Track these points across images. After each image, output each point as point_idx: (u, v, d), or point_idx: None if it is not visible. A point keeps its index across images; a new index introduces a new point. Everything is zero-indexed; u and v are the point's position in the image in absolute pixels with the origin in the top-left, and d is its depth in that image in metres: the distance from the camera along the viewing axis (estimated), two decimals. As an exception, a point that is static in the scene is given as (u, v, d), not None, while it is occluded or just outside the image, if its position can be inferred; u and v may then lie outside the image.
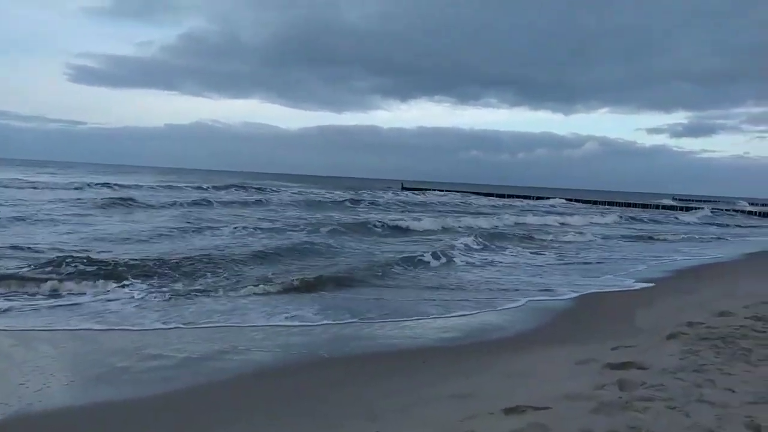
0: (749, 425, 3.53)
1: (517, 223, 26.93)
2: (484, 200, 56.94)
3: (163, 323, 6.92)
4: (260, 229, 17.65)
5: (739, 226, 35.79)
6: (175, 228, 16.54)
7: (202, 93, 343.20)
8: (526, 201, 59.56)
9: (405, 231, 20.63)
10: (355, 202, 37.53)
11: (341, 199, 38.04)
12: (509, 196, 65.89)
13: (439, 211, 33.77)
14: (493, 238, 18.10)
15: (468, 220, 25.40)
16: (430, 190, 74.60)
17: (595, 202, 61.36)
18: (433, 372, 5.48)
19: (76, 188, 33.16)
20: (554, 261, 14.32)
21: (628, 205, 57.93)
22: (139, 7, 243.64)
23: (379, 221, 21.89)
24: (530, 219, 29.99)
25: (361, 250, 14.40)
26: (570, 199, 62.12)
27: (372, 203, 38.10)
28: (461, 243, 15.83)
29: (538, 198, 63.47)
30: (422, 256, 13.05)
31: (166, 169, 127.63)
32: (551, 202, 57.86)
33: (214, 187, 42.61)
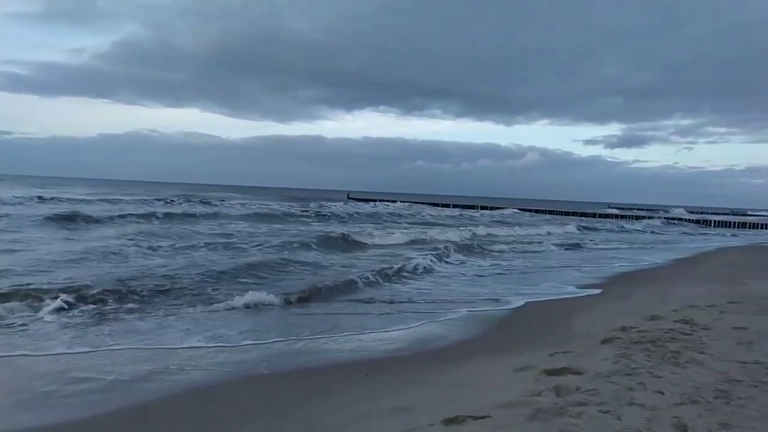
0: (676, 426, 3.66)
1: (489, 234, 27.16)
2: (432, 210, 57.10)
3: (93, 346, 6.54)
4: (217, 244, 16.83)
5: (691, 234, 37.68)
6: (125, 245, 15.58)
7: (138, 101, 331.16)
8: (482, 211, 60.44)
9: (366, 245, 20.03)
10: (310, 214, 36.53)
11: (296, 212, 37.16)
12: (464, 207, 66.63)
13: (400, 223, 33.79)
14: (463, 250, 18.24)
15: (433, 233, 24.99)
16: (376, 200, 74.75)
17: (549, 212, 63.28)
18: (376, 385, 5.42)
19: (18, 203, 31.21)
20: (506, 270, 14.62)
21: (581, 214, 60.20)
22: (70, 14, 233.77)
23: (345, 233, 21.42)
24: (498, 230, 30.31)
25: (325, 265, 14.12)
26: (522, 209, 63.76)
27: (330, 215, 37.41)
28: (427, 256, 15.76)
29: (493, 208, 64.61)
30: (386, 270, 12.91)
31: (100, 181, 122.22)
32: (505, 212, 59.08)
33: (160, 200, 41.19)
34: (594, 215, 60.87)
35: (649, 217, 57.95)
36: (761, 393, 4.36)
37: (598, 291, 11.35)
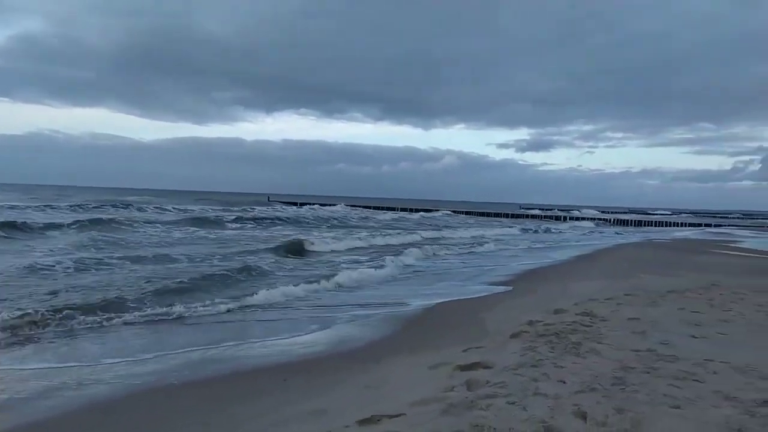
0: (576, 413, 3.89)
1: (435, 238, 26.77)
2: (361, 212, 56.71)
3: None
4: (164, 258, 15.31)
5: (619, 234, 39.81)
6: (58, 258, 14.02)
7: (40, 100, 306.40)
8: (419, 213, 60.39)
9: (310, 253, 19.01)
10: (245, 219, 34.75)
11: (230, 216, 35.30)
12: (401, 209, 67.19)
13: (354, 228, 33.31)
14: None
15: (396, 238, 24.75)
16: (299, 204, 73.80)
17: (482, 214, 65.48)
18: (293, 389, 5.35)
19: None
20: (429, 271, 14.89)
21: (514, 216, 63.02)
22: None
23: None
24: (446, 233, 30.25)
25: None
26: (455, 211, 65.43)
27: (271, 219, 36.30)
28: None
29: (427, 210, 65.73)
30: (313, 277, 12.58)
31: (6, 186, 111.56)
32: (439, 213, 60.12)
33: (77, 206, 37.92)
34: (526, 216, 64.13)
35: (580, 218, 61.61)
36: (652, 379, 4.73)
37: (509, 288, 11.85)
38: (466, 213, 66.21)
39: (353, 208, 65.72)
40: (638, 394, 4.30)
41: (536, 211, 77.65)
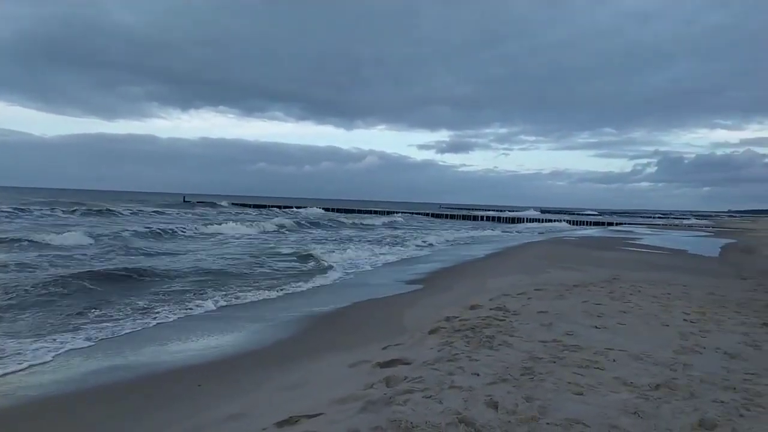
0: (488, 403, 4.06)
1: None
2: (344, 217, 54.82)
3: None
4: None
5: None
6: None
7: None
8: (375, 215, 60.41)
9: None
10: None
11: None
12: (347, 211, 67.56)
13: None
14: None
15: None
16: (216, 204, 71.44)
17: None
18: (206, 395, 5.18)
19: None
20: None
21: (464, 217, 65.79)
22: None
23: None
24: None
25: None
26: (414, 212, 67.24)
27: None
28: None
29: (386, 212, 66.31)
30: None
31: None
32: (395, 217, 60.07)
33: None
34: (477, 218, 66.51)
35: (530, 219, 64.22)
36: (558, 367, 5.01)
37: (426, 285, 12.11)
38: (337, 210, 68.09)
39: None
40: (545, 383, 4.54)
41: (490, 212, 78.51)
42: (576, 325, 6.89)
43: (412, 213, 70.79)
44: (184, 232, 26.72)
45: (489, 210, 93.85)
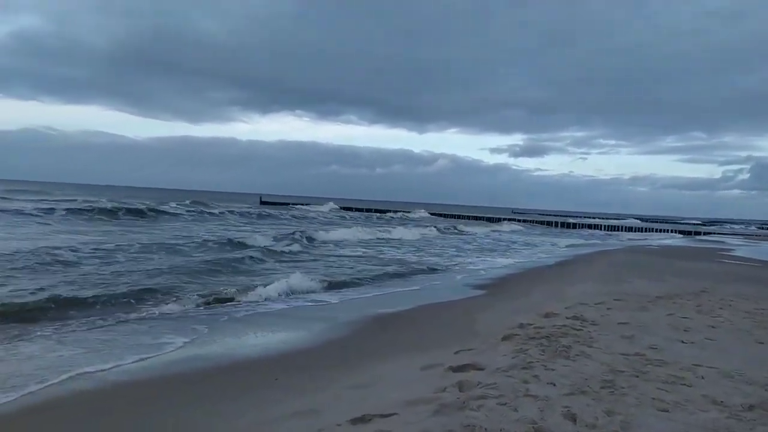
0: (566, 415, 3.93)
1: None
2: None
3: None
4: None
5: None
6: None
7: (34, 97, 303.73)
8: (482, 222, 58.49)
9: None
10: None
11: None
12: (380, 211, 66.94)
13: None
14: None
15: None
16: (291, 204, 73.54)
17: (475, 218, 64.31)
18: (283, 388, 5.35)
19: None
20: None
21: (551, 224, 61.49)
22: None
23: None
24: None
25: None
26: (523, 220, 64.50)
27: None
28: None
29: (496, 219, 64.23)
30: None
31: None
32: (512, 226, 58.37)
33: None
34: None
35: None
36: (640, 382, 4.78)
37: (499, 290, 11.91)
38: (441, 215, 66.38)
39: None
40: (627, 397, 4.35)
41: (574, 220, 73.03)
42: (660, 338, 6.55)
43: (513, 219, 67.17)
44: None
45: (569, 216, 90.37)
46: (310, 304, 9.92)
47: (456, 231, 36.99)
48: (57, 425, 4.47)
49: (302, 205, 66.78)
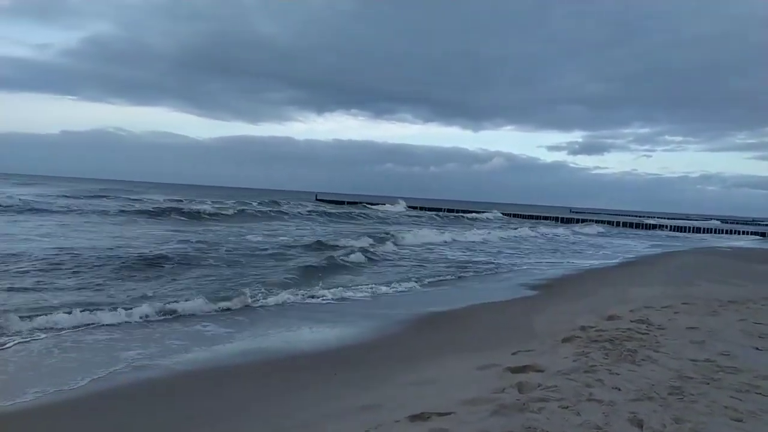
0: (632, 420, 3.81)
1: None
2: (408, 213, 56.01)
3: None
4: None
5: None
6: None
7: (104, 99, 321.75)
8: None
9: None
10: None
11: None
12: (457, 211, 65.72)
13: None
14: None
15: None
16: (347, 202, 74.34)
17: (531, 217, 62.28)
18: (343, 383, 5.44)
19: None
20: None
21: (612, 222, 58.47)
22: (39, 9, 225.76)
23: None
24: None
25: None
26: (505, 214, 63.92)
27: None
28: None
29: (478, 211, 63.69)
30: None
31: (68, 179, 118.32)
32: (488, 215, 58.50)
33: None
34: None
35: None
36: (711, 389, 4.56)
37: (557, 290, 11.63)
38: (515, 215, 64.94)
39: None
40: (697, 405, 4.16)
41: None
42: (732, 344, 6.22)
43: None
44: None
45: (639, 216, 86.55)
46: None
47: (539, 233, 35.33)
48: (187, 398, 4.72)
49: (371, 204, 66.76)
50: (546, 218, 61.04)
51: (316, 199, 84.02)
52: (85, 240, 16.30)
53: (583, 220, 55.87)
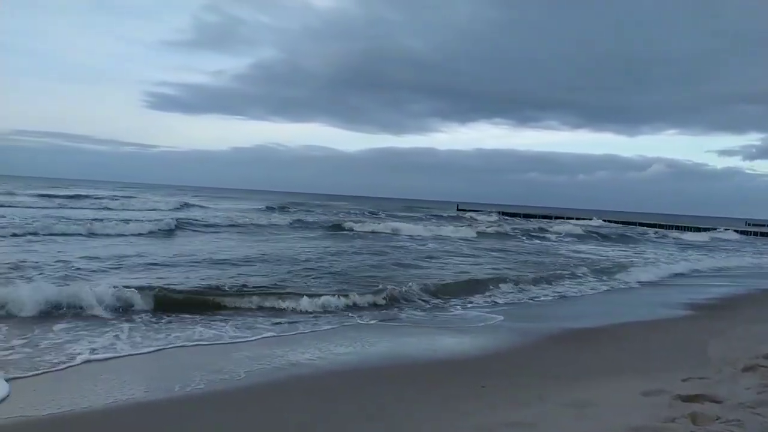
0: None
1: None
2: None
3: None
4: None
5: None
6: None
7: (266, 117, 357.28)
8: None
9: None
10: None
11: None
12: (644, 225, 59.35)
13: None
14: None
15: None
16: (485, 212, 73.29)
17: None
18: (491, 397, 5.32)
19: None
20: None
21: None
22: (216, 40, 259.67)
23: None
24: None
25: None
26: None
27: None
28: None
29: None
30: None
31: (237, 191, 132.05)
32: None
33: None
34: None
35: None
36: None
37: (730, 312, 10.37)
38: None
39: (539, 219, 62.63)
40: None
41: None
42: None
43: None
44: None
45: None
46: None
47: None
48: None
49: (555, 217, 63.66)
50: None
51: (458, 209, 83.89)
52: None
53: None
